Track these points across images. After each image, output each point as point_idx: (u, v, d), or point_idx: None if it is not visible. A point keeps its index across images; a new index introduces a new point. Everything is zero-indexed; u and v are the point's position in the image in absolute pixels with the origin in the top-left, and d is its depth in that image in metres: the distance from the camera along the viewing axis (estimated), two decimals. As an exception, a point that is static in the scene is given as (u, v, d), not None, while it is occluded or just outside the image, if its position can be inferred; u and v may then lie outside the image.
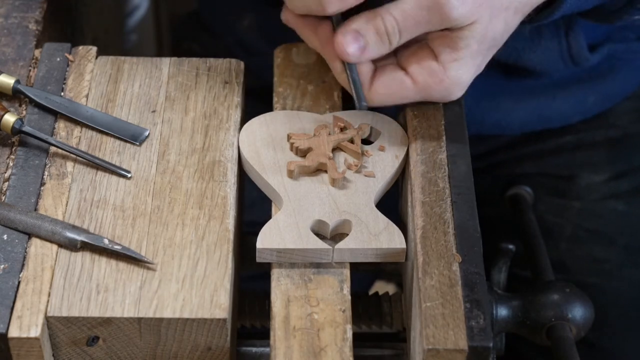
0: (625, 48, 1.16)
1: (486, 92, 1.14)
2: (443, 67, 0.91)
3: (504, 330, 0.95)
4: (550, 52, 1.11)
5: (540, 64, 1.13)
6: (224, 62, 1.01)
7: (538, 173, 1.22)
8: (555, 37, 1.10)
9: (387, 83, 0.93)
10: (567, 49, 1.11)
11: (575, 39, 1.10)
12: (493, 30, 0.90)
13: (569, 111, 1.19)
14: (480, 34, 0.89)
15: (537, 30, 1.10)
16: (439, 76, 0.91)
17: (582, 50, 1.11)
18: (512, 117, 1.18)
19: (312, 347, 0.83)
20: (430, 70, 0.91)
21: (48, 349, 0.83)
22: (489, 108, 1.17)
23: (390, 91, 0.93)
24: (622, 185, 1.20)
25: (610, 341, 1.16)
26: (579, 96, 1.18)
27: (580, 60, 1.12)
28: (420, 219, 0.88)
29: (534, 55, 1.11)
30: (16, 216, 0.87)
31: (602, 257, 1.18)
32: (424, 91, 0.92)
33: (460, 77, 0.91)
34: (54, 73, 0.98)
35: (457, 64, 0.90)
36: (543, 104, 1.17)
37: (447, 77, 0.91)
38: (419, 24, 0.89)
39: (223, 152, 0.93)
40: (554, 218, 1.19)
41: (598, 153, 1.21)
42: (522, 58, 1.11)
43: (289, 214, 0.89)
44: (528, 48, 1.11)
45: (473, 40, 0.90)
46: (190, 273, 0.85)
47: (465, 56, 0.90)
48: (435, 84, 0.91)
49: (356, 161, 0.93)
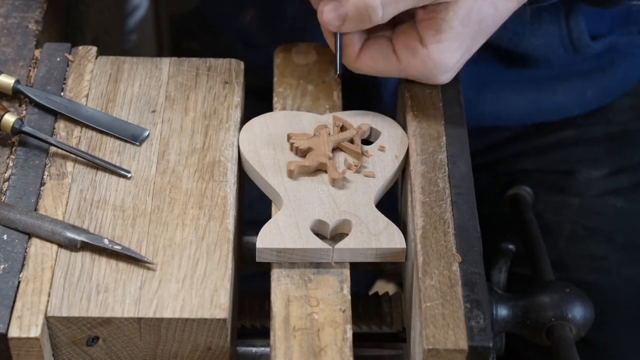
0: (628, 42, 1.17)
1: (486, 83, 1.15)
2: (426, 49, 0.92)
3: (504, 330, 0.95)
4: (550, 37, 1.11)
5: (540, 50, 1.13)
6: (224, 62, 1.01)
7: (537, 169, 1.22)
8: (555, 21, 1.10)
9: (375, 55, 0.94)
10: (568, 33, 1.11)
11: (576, 23, 1.11)
12: (479, 12, 0.91)
13: (568, 104, 1.19)
14: (463, 14, 0.90)
15: (537, 14, 1.10)
16: (421, 57, 0.92)
17: (583, 35, 1.12)
18: (512, 108, 1.18)
19: (312, 347, 0.83)
20: (414, 51, 0.92)
21: (48, 349, 0.83)
22: (489, 99, 1.17)
23: (375, 64, 0.94)
24: (621, 181, 1.20)
25: (607, 339, 1.16)
26: (579, 89, 1.18)
27: (581, 46, 1.12)
28: (420, 219, 0.88)
29: (534, 39, 1.11)
30: (16, 216, 0.87)
31: (600, 254, 1.18)
32: (406, 70, 0.94)
33: (444, 60, 0.92)
34: (54, 73, 0.98)
35: (441, 46, 0.91)
36: (543, 96, 1.18)
37: (430, 59, 0.92)
38: (401, 0, 0.89)
39: (223, 152, 0.93)
40: (553, 216, 1.19)
41: (597, 148, 1.21)
42: (522, 43, 1.11)
43: (289, 214, 0.89)
44: (528, 32, 1.11)
45: (457, 21, 0.90)
46: (190, 273, 0.85)
47: (448, 38, 0.91)
48: (418, 65, 0.93)
49: (356, 161, 0.93)
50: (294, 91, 1.00)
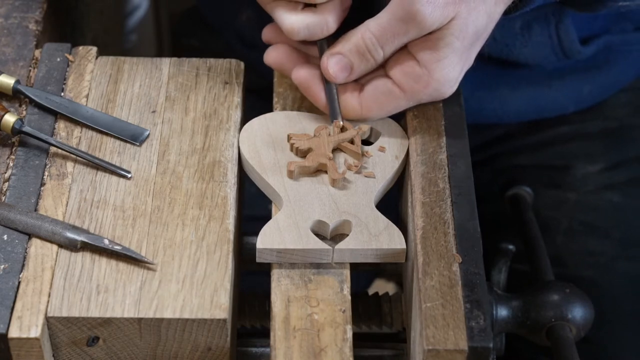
0: (622, 39, 1.17)
1: (482, 81, 1.15)
2: (427, 70, 0.91)
3: (504, 330, 0.95)
4: (541, 47, 1.12)
5: (532, 58, 1.13)
6: (224, 63, 1.01)
7: (533, 165, 1.22)
8: (545, 31, 1.10)
9: (377, 97, 0.93)
10: (558, 42, 1.11)
11: (566, 32, 1.11)
12: (475, 24, 0.90)
13: (564, 100, 1.19)
14: (458, 30, 0.90)
15: (527, 26, 1.10)
16: (424, 80, 0.91)
17: (574, 43, 1.12)
18: (508, 105, 1.18)
19: (312, 348, 0.83)
20: (415, 76, 0.91)
21: (48, 349, 0.83)
22: (485, 97, 1.17)
23: (381, 104, 0.93)
24: (617, 176, 1.20)
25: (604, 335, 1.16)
26: (575, 86, 1.18)
27: (572, 53, 1.12)
28: (421, 220, 0.88)
29: (525, 49, 1.12)
30: (16, 216, 0.87)
31: (597, 250, 1.18)
32: (413, 97, 0.93)
33: (447, 76, 0.91)
34: (54, 73, 0.98)
35: (441, 64, 0.91)
36: (539, 93, 1.18)
37: (433, 79, 0.91)
38: (397, 36, 0.90)
39: (223, 153, 0.93)
40: (550, 212, 1.19)
41: (593, 144, 1.21)
42: (513, 53, 1.12)
43: (289, 214, 0.89)
44: (519, 43, 1.11)
45: (453, 37, 0.90)
46: (190, 273, 0.85)
47: (447, 55, 0.90)
48: (423, 88, 0.92)
49: (356, 162, 0.93)
50: (294, 91, 1.00)
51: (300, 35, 0.93)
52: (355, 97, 0.94)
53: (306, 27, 0.92)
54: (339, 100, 0.94)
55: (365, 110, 0.94)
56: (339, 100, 0.94)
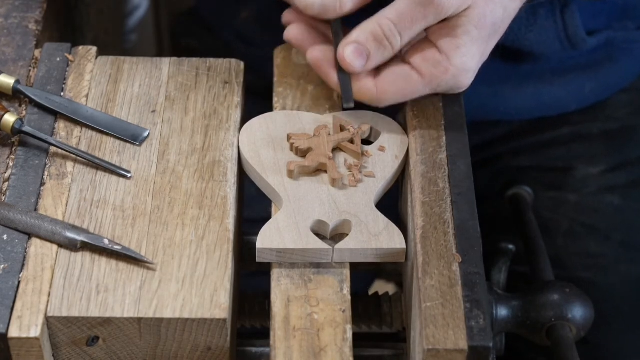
0: (625, 37, 1.17)
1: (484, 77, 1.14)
2: (447, 56, 0.91)
3: (504, 330, 0.95)
4: (546, 32, 1.11)
5: (537, 45, 1.13)
6: (224, 62, 1.01)
7: (534, 166, 1.22)
8: (551, 16, 1.11)
9: (394, 80, 0.92)
10: (564, 28, 1.11)
11: (572, 18, 1.11)
12: (492, 16, 0.91)
13: (566, 98, 1.19)
14: (477, 18, 0.90)
15: (532, 10, 1.10)
16: (444, 65, 0.91)
17: (579, 30, 1.12)
18: (510, 103, 1.18)
19: (312, 347, 0.83)
20: (435, 61, 0.91)
21: (48, 349, 0.83)
22: (487, 94, 1.17)
23: (398, 88, 0.92)
24: (618, 178, 1.20)
25: (604, 336, 1.16)
26: (577, 83, 1.18)
27: (577, 41, 1.12)
28: (420, 219, 0.88)
29: (530, 35, 1.11)
30: (16, 216, 0.87)
31: (597, 252, 1.18)
32: (432, 83, 0.92)
33: (465, 64, 0.91)
34: (54, 73, 0.98)
35: (460, 51, 0.91)
36: (541, 90, 1.18)
37: (452, 65, 0.91)
38: (416, 21, 0.89)
39: (223, 152, 0.93)
40: (551, 214, 1.19)
41: (594, 145, 1.21)
42: (518, 39, 1.11)
43: (289, 214, 0.89)
44: (524, 28, 1.11)
45: (471, 25, 0.90)
46: (190, 273, 0.85)
47: (466, 42, 0.90)
48: (442, 74, 0.91)
49: (356, 161, 0.93)
50: (294, 91, 1.00)
51: (314, 9, 0.92)
52: (370, 80, 0.92)
53: (321, 3, 0.92)
54: (353, 83, 0.93)
55: (380, 93, 0.92)
56: (353, 84, 0.93)
